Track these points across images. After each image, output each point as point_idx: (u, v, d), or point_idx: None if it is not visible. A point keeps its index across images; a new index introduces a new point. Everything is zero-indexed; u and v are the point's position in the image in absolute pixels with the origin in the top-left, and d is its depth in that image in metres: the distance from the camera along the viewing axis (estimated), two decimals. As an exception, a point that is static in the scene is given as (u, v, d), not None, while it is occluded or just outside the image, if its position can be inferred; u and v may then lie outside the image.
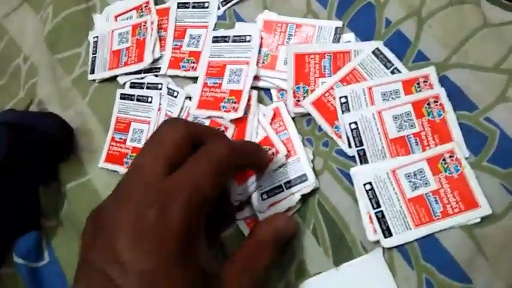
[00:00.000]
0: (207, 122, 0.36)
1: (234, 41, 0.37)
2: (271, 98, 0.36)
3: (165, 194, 0.22)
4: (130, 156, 0.38)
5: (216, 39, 0.38)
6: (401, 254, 0.30)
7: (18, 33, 0.47)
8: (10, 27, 0.48)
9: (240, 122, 0.35)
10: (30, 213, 0.39)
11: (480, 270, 0.29)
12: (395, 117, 0.32)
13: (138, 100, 0.39)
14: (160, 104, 0.38)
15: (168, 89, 0.38)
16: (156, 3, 0.42)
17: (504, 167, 0.31)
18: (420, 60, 0.34)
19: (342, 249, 0.31)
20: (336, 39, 0.35)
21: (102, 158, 0.39)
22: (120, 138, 0.39)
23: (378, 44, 0.34)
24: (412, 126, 0.32)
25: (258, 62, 0.36)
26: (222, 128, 0.35)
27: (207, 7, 0.40)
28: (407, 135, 0.32)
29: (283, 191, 0.32)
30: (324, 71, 0.35)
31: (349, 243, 0.31)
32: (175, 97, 0.38)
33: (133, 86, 0.40)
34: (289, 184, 0.33)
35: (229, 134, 0.35)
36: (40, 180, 0.40)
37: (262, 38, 0.37)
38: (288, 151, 0.33)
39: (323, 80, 0.34)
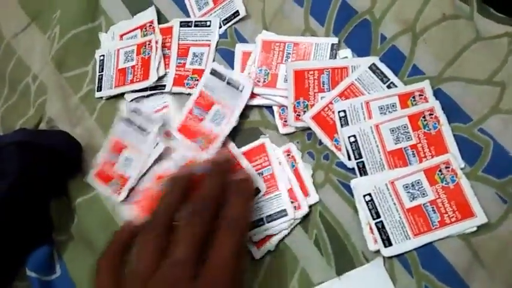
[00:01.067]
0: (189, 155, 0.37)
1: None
2: (273, 115, 0.38)
3: None
4: (116, 181, 0.39)
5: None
6: (401, 262, 0.31)
7: (27, 52, 0.49)
8: (19, 47, 0.49)
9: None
10: (42, 228, 0.41)
11: (478, 277, 0.30)
12: (393, 130, 0.34)
13: (137, 129, 0.39)
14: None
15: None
16: (159, 23, 0.43)
17: (498, 177, 0.32)
18: (415, 74, 0.35)
19: (344, 258, 0.32)
20: (333, 55, 0.36)
21: (92, 172, 0.40)
22: (111, 160, 0.40)
23: (374, 59, 0.36)
24: (409, 138, 0.33)
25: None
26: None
27: (209, 26, 0.41)
28: (404, 148, 0.33)
29: (264, 224, 0.34)
30: (323, 86, 0.36)
31: (351, 253, 0.32)
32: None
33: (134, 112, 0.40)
34: (270, 218, 0.34)
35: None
36: (50, 196, 0.41)
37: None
38: (271, 186, 0.35)
39: (322, 95, 0.36)
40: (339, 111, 0.35)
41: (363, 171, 0.33)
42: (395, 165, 0.33)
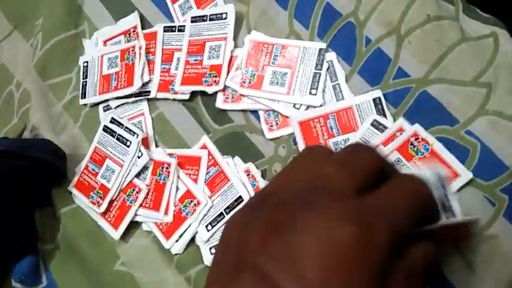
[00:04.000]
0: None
1: (211, 19, 0.40)
2: (259, 120, 0.37)
3: (367, 212, 0.19)
4: (97, 192, 0.38)
5: (195, 19, 0.40)
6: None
7: (10, 60, 0.48)
8: (2, 54, 0.49)
9: (158, 187, 0.37)
10: (27, 238, 0.40)
11: (467, 282, 0.30)
12: None
13: (118, 139, 0.39)
14: (137, 152, 0.37)
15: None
16: (142, 28, 0.43)
17: (486, 180, 0.31)
18: (400, 77, 0.35)
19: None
20: (320, 61, 0.36)
21: (73, 181, 0.40)
22: (93, 170, 0.39)
23: (378, 93, 0.35)
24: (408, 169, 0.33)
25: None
26: (137, 189, 0.37)
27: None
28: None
29: (224, 217, 0.35)
30: (332, 131, 0.35)
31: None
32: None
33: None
34: (228, 209, 0.35)
35: (141, 197, 0.37)
36: (34, 205, 0.41)
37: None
38: (222, 179, 0.36)
39: (334, 140, 0.35)
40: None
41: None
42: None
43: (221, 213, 0.35)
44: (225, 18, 0.39)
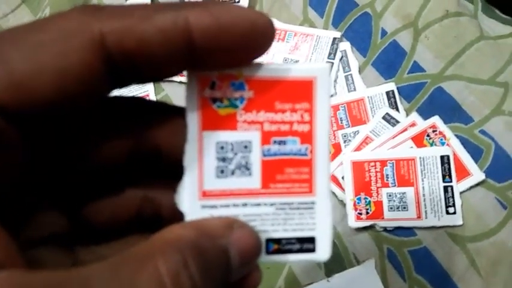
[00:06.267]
0: None
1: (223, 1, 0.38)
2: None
3: None
4: None
5: None
6: (394, 266, 0.30)
7: (15, 34, 0.47)
8: (8, 28, 0.48)
9: None
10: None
11: (472, 284, 0.29)
12: None
13: None
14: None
15: None
16: (153, 8, 0.42)
17: (499, 181, 0.30)
18: (415, 71, 0.34)
19: (334, 260, 0.31)
20: (333, 50, 0.35)
21: None
22: None
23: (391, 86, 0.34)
24: None
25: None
26: None
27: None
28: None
29: None
30: (341, 122, 0.34)
31: (342, 254, 0.31)
32: None
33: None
34: None
35: None
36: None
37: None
38: None
39: (343, 132, 0.33)
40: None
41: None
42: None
43: None
44: (238, 2, 0.38)
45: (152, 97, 0.40)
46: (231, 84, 0.13)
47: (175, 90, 0.39)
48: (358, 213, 0.31)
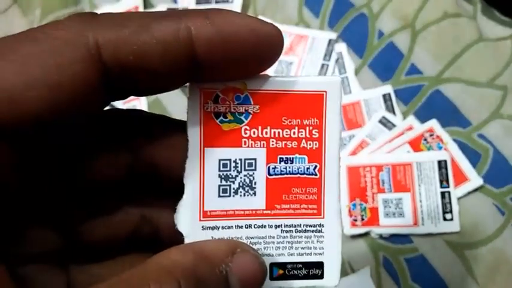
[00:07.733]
0: None
1: (217, 2, 0.38)
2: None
3: None
4: None
5: (199, 1, 0.39)
6: (389, 274, 0.29)
7: (6, 35, 0.46)
8: (-2, 28, 0.47)
9: None
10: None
11: (471, 293, 0.28)
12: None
13: None
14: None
15: None
16: (145, 8, 0.41)
17: (497, 187, 0.30)
18: (413, 73, 0.33)
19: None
20: (329, 52, 0.34)
21: None
22: None
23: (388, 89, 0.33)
24: None
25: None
26: None
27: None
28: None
29: None
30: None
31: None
32: None
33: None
34: None
35: None
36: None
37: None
38: None
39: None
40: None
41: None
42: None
43: None
44: (231, 2, 0.37)
45: (143, 100, 0.39)
46: (235, 98, 0.13)
47: (167, 93, 0.38)
48: (353, 219, 0.30)
